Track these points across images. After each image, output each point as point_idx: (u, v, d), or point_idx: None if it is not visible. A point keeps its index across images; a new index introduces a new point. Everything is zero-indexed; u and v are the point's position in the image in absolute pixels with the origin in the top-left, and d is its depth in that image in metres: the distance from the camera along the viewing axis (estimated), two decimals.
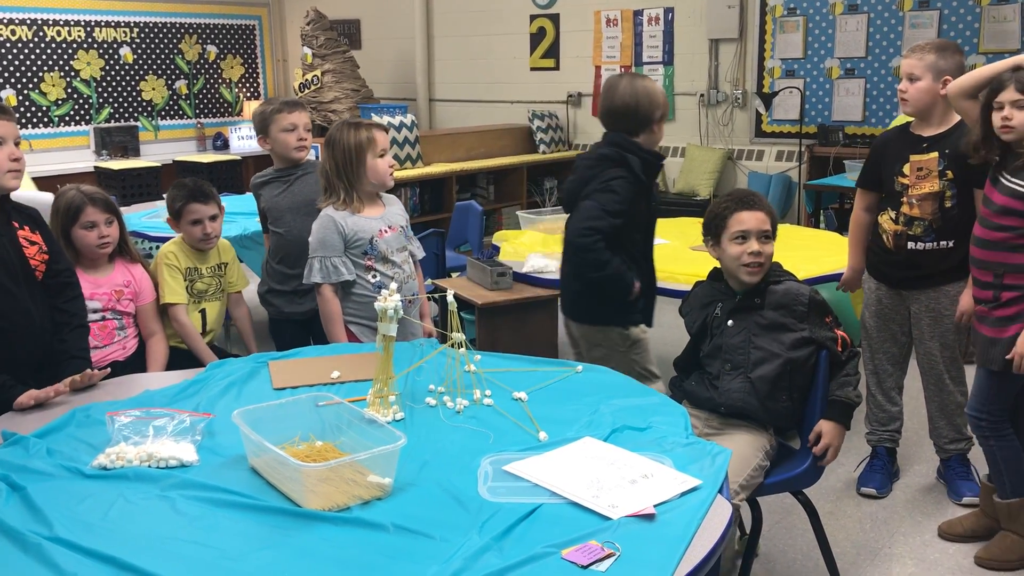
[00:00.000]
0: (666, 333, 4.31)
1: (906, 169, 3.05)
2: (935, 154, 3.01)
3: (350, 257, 2.90)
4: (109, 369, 2.47)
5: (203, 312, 3.30)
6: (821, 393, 2.48)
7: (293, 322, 3.37)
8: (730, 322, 2.55)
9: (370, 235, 2.90)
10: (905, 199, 3.05)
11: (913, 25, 6.13)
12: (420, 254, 3.13)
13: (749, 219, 2.52)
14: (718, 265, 2.66)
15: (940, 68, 2.97)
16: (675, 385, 2.71)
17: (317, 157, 3.86)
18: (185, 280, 3.23)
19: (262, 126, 3.37)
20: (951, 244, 3.03)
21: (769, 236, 2.54)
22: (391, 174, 2.97)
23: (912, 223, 3.05)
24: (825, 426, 2.45)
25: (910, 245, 3.07)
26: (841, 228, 5.66)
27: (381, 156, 2.92)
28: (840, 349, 2.48)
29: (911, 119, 3.15)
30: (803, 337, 2.47)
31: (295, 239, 3.25)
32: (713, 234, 2.60)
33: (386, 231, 2.95)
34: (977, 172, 2.86)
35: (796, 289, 2.52)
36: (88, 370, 2.37)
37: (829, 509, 3.14)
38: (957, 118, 3.01)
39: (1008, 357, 2.62)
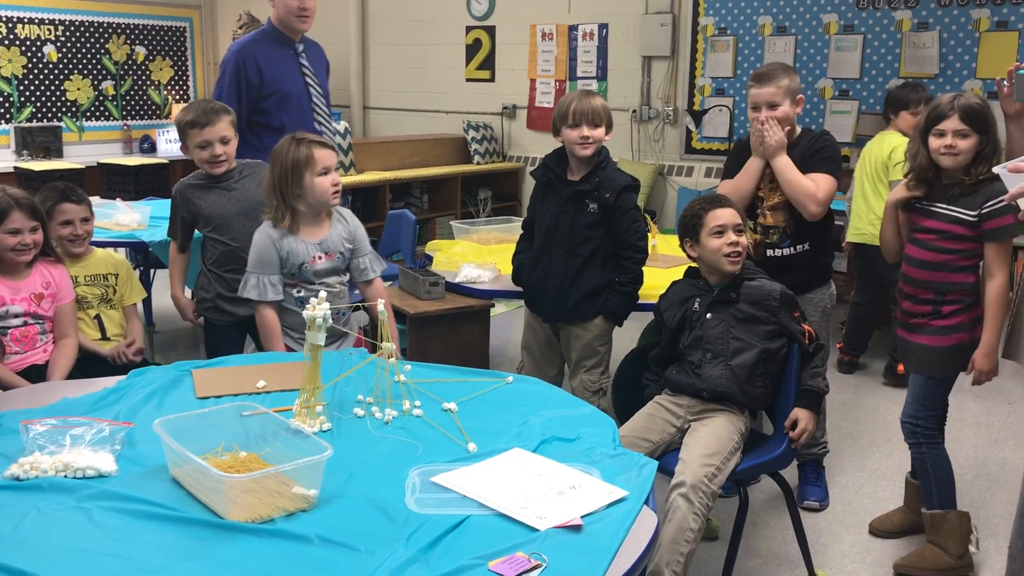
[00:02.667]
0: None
1: (760, 182, 3.19)
2: None
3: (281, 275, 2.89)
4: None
5: (99, 318, 3.23)
6: (795, 381, 2.67)
7: (239, 326, 3.30)
8: (709, 315, 2.74)
9: (301, 260, 2.87)
10: (759, 210, 3.19)
11: (838, 48, 6.31)
12: (372, 274, 3.02)
13: (724, 214, 2.75)
14: (693, 265, 2.87)
15: (794, 90, 3.15)
16: (650, 377, 2.89)
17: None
18: None
19: (180, 137, 3.26)
20: (807, 246, 3.19)
21: (742, 229, 2.76)
22: (334, 193, 2.89)
23: (768, 231, 3.19)
24: (800, 413, 2.65)
25: (768, 252, 3.19)
26: None
27: (324, 175, 2.84)
28: (808, 342, 2.68)
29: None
30: (775, 329, 2.69)
31: (244, 243, 3.13)
32: (692, 234, 2.80)
33: (320, 258, 2.90)
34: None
35: (768, 286, 2.74)
36: None
37: (751, 520, 3.19)
38: (799, 130, 3.19)
39: (967, 373, 2.75)
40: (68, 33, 8.38)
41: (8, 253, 2.88)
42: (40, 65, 8.22)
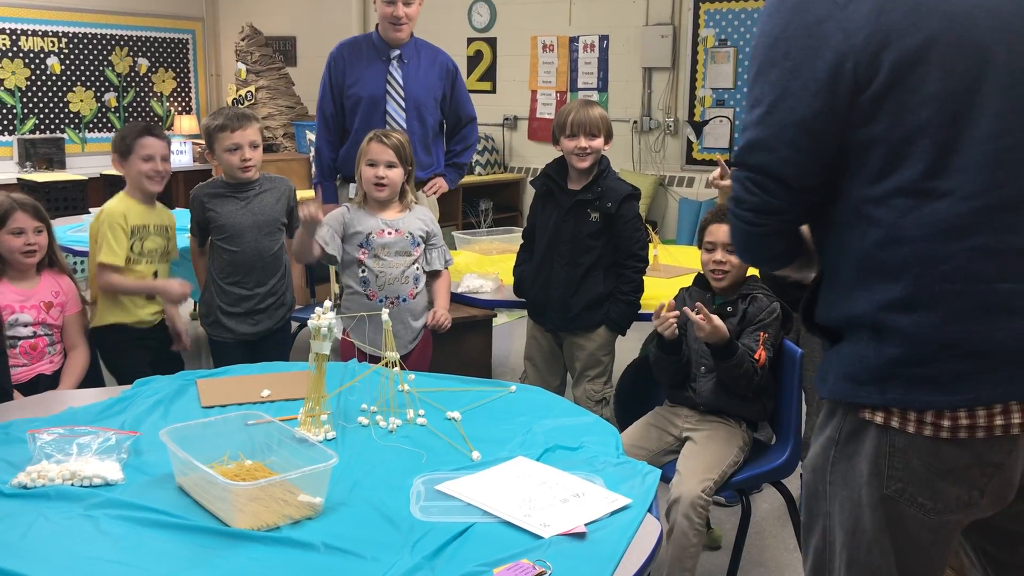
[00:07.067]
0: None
1: None
2: None
3: (347, 246, 3.11)
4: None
5: (155, 275, 3.24)
6: (796, 391, 2.64)
7: (242, 343, 3.32)
8: None
9: (368, 231, 3.08)
10: None
11: None
12: (436, 264, 3.23)
13: (718, 231, 2.74)
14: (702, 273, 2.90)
15: None
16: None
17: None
18: (133, 237, 3.14)
19: (208, 142, 3.29)
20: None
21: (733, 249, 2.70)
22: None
23: None
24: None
25: None
26: None
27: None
28: (755, 365, 2.57)
29: None
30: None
31: (253, 256, 3.26)
32: (700, 243, 2.88)
33: (388, 233, 3.09)
34: None
35: (767, 304, 2.71)
36: None
37: (754, 529, 3.20)
38: None
39: None
40: (71, 45, 8.42)
41: (16, 256, 2.90)
42: (43, 77, 8.25)
